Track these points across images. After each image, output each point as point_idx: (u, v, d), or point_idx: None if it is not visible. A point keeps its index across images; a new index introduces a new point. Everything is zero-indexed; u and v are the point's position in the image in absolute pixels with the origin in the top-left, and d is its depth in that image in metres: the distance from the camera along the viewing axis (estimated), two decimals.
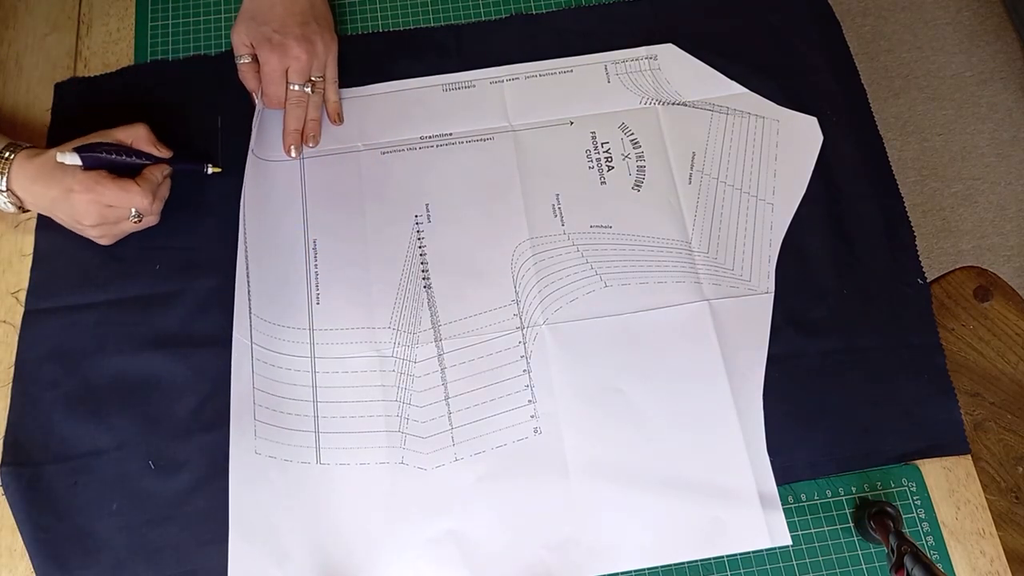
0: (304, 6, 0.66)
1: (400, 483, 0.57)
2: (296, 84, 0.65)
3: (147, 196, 0.59)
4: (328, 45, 0.67)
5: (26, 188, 0.59)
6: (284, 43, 0.64)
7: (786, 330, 0.62)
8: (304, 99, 0.66)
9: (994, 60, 1.57)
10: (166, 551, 0.56)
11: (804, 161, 0.68)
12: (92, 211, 0.58)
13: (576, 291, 0.62)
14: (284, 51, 0.64)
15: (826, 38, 0.73)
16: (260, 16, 0.65)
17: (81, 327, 0.61)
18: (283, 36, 0.64)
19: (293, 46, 0.64)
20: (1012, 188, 1.48)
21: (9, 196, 0.59)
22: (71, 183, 0.57)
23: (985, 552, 0.57)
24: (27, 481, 0.57)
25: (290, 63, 0.65)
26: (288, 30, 0.64)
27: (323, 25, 0.67)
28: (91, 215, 0.58)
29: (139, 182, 0.59)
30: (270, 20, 0.65)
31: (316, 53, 0.65)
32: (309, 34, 0.65)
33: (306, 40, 0.65)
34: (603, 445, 0.58)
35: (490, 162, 0.67)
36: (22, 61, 0.71)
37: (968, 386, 0.76)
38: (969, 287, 0.78)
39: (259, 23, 0.65)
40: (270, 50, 0.64)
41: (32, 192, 0.59)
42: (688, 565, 0.56)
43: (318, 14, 0.67)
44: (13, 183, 0.59)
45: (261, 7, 0.65)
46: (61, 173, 0.58)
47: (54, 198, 0.58)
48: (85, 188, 0.57)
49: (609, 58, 0.71)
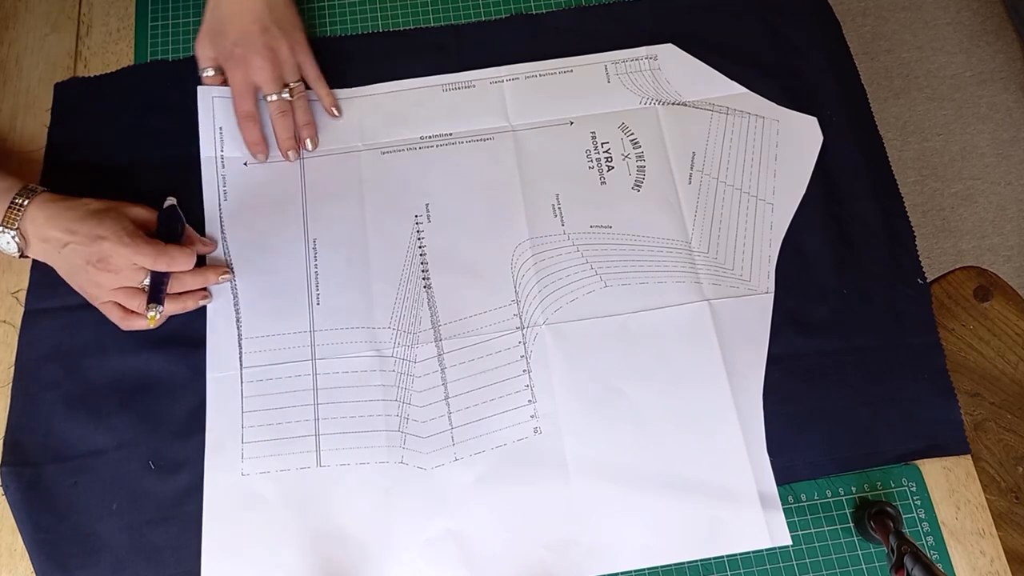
0: (261, 12, 0.64)
1: (400, 483, 0.57)
2: (272, 95, 0.64)
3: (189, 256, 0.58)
4: (296, 47, 0.65)
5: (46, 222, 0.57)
6: (246, 56, 0.63)
7: (786, 330, 0.62)
8: (286, 107, 0.65)
9: (994, 60, 1.57)
10: (166, 551, 0.56)
11: (804, 161, 0.68)
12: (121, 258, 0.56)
13: (576, 291, 0.62)
14: (247, 64, 0.63)
15: (826, 38, 0.73)
16: (220, 30, 0.64)
17: (81, 327, 0.61)
18: (244, 49, 0.63)
19: (255, 58, 0.63)
20: (1012, 188, 1.48)
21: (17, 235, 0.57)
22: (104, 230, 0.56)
23: (985, 552, 0.57)
24: (27, 481, 0.57)
25: (256, 76, 0.63)
26: (249, 41, 0.63)
27: (286, 28, 0.65)
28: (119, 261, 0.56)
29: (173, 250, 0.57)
30: (229, 33, 0.63)
31: (282, 60, 0.64)
32: (270, 41, 0.63)
33: (268, 48, 0.63)
34: (603, 445, 0.58)
35: (490, 162, 0.67)
36: (22, 61, 0.71)
37: (968, 386, 0.76)
38: (969, 287, 0.78)
39: (220, 37, 0.64)
40: (234, 65, 0.63)
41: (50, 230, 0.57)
42: (688, 565, 0.56)
43: (279, 17, 0.65)
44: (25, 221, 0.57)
45: (220, 20, 0.64)
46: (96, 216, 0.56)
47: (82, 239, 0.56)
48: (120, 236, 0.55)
49: (609, 58, 0.71)
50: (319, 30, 0.72)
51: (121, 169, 0.66)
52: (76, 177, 0.66)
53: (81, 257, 0.56)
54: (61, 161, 0.66)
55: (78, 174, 0.66)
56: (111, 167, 0.66)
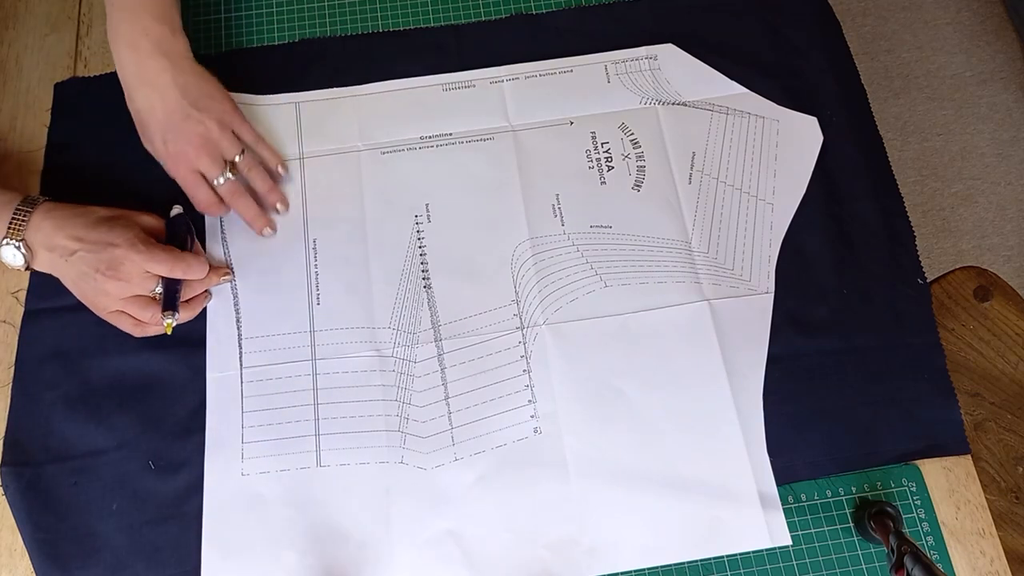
0: (175, 100, 0.59)
1: (400, 483, 0.57)
2: (219, 179, 0.61)
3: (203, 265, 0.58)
4: (224, 118, 0.61)
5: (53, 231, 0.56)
6: (178, 151, 0.60)
7: (786, 330, 0.62)
8: (236, 187, 0.62)
9: (994, 60, 1.57)
10: (166, 551, 0.56)
11: (804, 161, 0.68)
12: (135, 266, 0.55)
13: (576, 291, 0.62)
14: (184, 158, 0.60)
15: (826, 38, 0.73)
16: (144, 128, 0.61)
17: (81, 327, 0.61)
18: (174, 144, 0.60)
19: (187, 149, 0.59)
20: (1012, 188, 1.48)
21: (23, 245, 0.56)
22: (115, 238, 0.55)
23: (985, 552, 0.57)
24: (27, 481, 0.57)
25: (196, 165, 0.60)
26: (175, 135, 0.59)
27: (207, 105, 0.60)
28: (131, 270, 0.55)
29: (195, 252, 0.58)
30: (153, 130, 0.60)
31: (215, 140, 0.60)
32: (195, 127, 0.60)
33: (197, 136, 0.59)
34: (603, 445, 0.58)
35: (490, 162, 0.67)
36: (22, 61, 0.71)
37: (968, 386, 0.76)
38: (969, 287, 0.78)
39: (147, 135, 0.61)
40: (172, 162, 0.60)
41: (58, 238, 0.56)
42: (688, 565, 0.56)
43: (195, 97, 0.60)
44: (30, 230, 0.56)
45: (140, 118, 0.61)
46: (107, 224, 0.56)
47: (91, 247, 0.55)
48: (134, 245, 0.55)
49: (609, 58, 0.71)
50: (319, 30, 0.72)
51: (121, 169, 0.66)
52: (76, 177, 0.66)
53: (90, 265, 0.55)
54: (61, 161, 0.67)
55: (78, 174, 0.66)
56: (111, 167, 0.66)
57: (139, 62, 0.60)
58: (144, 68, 0.60)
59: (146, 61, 0.60)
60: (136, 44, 0.60)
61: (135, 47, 0.60)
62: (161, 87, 0.59)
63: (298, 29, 0.73)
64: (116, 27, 0.60)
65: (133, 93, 0.61)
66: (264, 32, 0.72)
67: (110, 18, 0.61)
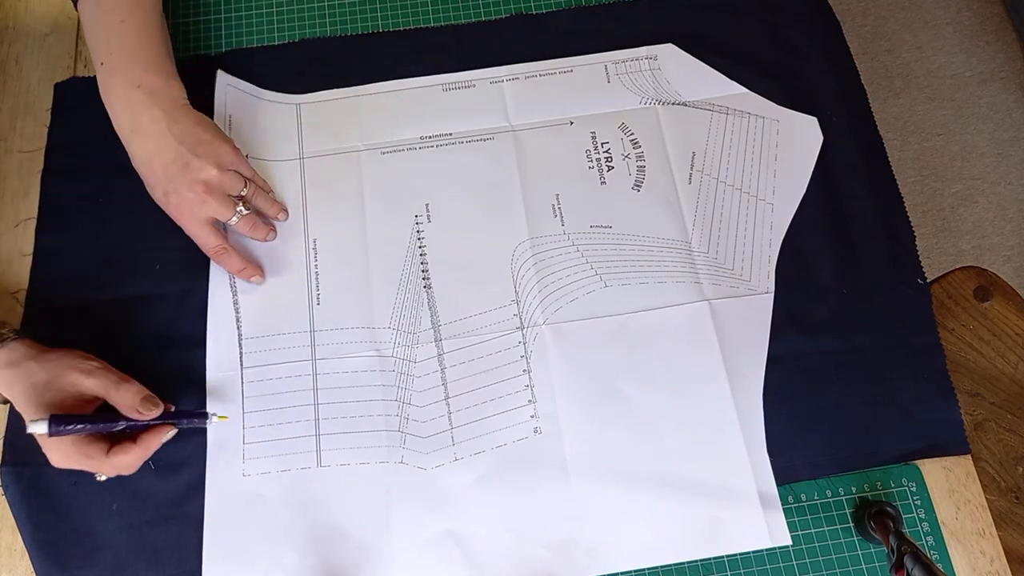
0: (174, 150, 0.58)
1: (400, 483, 0.57)
2: (232, 219, 0.60)
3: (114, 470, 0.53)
4: (222, 160, 0.59)
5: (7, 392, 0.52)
6: (182, 202, 0.58)
7: (786, 330, 0.62)
8: (252, 219, 0.61)
9: (994, 60, 1.57)
10: (166, 551, 0.56)
11: (804, 161, 0.68)
12: (56, 459, 0.52)
13: (576, 291, 0.62)
14: (189, 206, 0.58)
15: (826, 38, 0.73)
16: (147, 182, 0.59)
17: (81, 327, 0.61)
18: (177, 195, 0.58)
19: (192, 198, 0.58)
20: (1012, 188, 1.48)
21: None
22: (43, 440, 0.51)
23: (985, 552, 0.57)
24: (27, 481, 0.57)
25: (205, 212, 0.59)
26: (177, 186, 0.58)
27: (205, 151, 0.59)
28: (54, 460, 0.52)
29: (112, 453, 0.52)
30: (155, 183, 0.59)
31: (218, 184, 0.59)
32: (198, 175, 0.58)
33: (199, 183, 0.58)
34: (603, 445, 0.58)
35: (490, 162, 0.67)
36: (22, 61, 0.71)
37: (968, 386, 0.76)
38: (969, 287, 0.78)
39: (151, 188, 0.59)
40: (177, 212, 0.59)
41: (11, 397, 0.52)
42: (688, 565, 0.56)
43: (193, 143, 0.59)
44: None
45: (143, 172, 0.59)
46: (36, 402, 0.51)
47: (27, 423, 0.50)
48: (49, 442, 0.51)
49: (609, 58, 0.71)
50: (319, 30, 0.72)
51: (121, 169, 0.66)
52: (76, 176, 0.66)
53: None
54: (61, 161, 0.67)
55: (78, 174, 0.66)
56: (111, 167, 0.66)
57: (133, 115, 0.59)
58: (139, 121, 0.58)
59: (140, 113, 0.58)
60: (129, 97, 0.59)
61: (128, 100, 0.59)
62: (156, 137, 0.58)
63: (298, 29, 0.73)
64: (107, 82, 0.60)
65: (131, 147, 0.59)
66: (264, 32, 0.72)
67: (100, 75, 0.60)
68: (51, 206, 0.65)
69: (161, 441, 0.54)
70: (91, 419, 0.51)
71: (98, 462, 0.52)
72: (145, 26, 0.61)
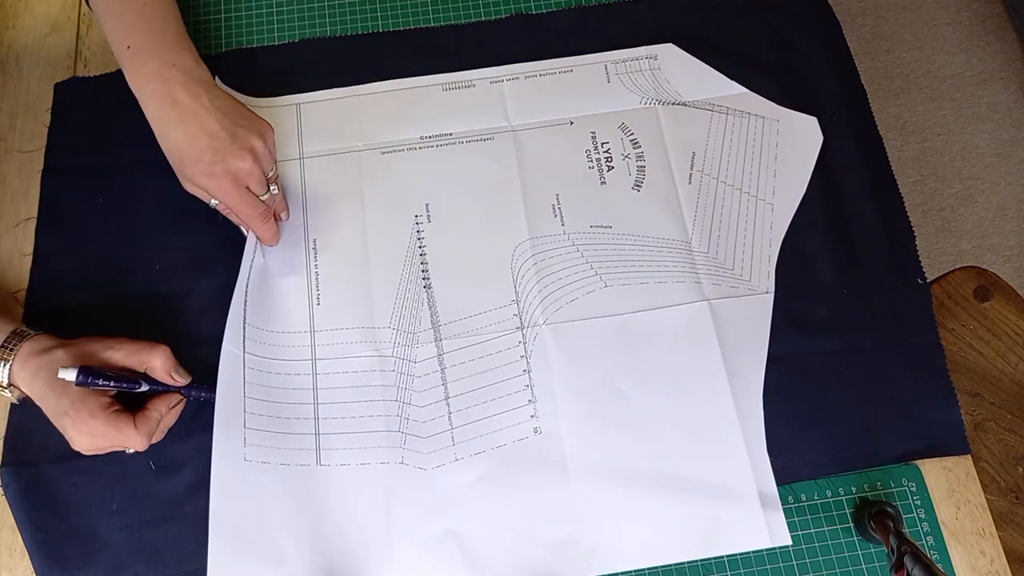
0: (217, 119, 0.58)
1: (400, 483, 0.57)
2: (266, 194, 0.60)
3: (143, 439, 0.54)
4: (264, 132, 0.60)
5: (28, 385, 0.54)
6: (230, 168, 0.58)
7: (786, 330, 0.62)
8: (278, 198, 0.62)
9: (994, 60, 1.57)
10: (166, 551, 0.56)
11: (804, 161, 0.68)
12: (83, 441, 0.53)
13: (576, 291, 0.62)
14: (234, 177, 0.58)
15: (826, 38, 0.73)
16: (186, 158, 0.58)
17: (81, 327, 0.61)
18: (224, 162, 0.57)
19: (241, 166, 0.58)
20: (1012, 188, 1.48)
21: (12, 390, 0.55)
22: (67, 406, 0.53)
23: (985, 552, 0.57)
24: (27, 481, 0.57)
25: (249, 181, 0.59)
26: (225, 153, 0.58)
27: (246, 122, 0.60)
28: (80, 442, 0.53)
29: (138, 422, 0.54)
30: (201, 154, 0.58)
31: (260, 154, 0.59)
32: (243, 142, 0.58)
33: (248, 150, 0.58)
34: (603, 445, 0.58)
35: (490, 162, 0.67)
36: (22, 61, 0.71)
37: (968, 386, 0.76)
38: (969, 287, 0.78)
39: (191, 163, 0.58)
40: (220, 183, 0.58)
41: (32, 391, 0.54)
42: (688, 565, 0.56)
43: (235, 116, 0.59)
44: (16, 378, 0.54)
45: (184, 149, 0.58)
46: (61, 388, 0.53)
47: (48, 410, 0.54)
48: (78, 419, 0.52)
49: (609, 58, 0.71)
50: (319, 30, 0.72)
51: (121, 169, 0.66)
52: (76, 176, 0.66)
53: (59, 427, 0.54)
54: (61, 161, 0.67)
55: (78, 174, 0.66)
56: (111, 167, 0.66)
57: (171, 94, 0.58)
58: (177, 98, 0.58)
59: (178, 90, 0.58)
60: (165, 76, 0.58)
61: (165, 79, 0.58)
62: (200, 112, 0.58)
63: (298, 29, 0.73)
64: (138, 64, 0.59)
65: (169, 126, 0.58)
66: (264, 32, 0.72)
67: (128, 57, 0.60)
68: (51, 206, 0.65)
69: (177, 408, 0.57)
70: (116, 376, 0.54)
71: (126, 435, 0.53)
72: (167, 9, 0.62)
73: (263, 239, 0.62)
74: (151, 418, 0.55)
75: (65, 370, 0.51)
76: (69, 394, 0.53)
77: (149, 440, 0.54)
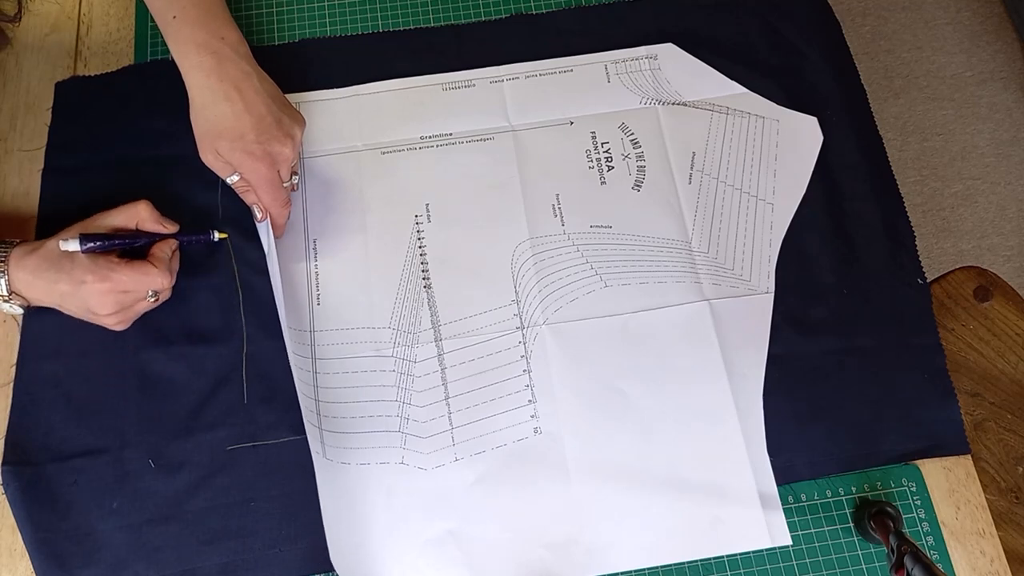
0: (264, 101, 0.59)
1: (400, 483, 0.57)
2: (287, 183, 0.62)
3: (165, 275, 0.56)
4: (301, 123, 0.62)
5: (30, 285, 0.55)
6: (268, 150, 0.58)
7: (786, 330, 0.62)
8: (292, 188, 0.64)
9: (994, 60, 1.57)
10: (166, 551, 0.56)
11: (804, 161, 0.68)
12: (108, 300, 0.54)
13: (576, 291, 0.62)
14: (271, 158, 0.59)
15: (826, 38, 0.73)
16: (228, 132, 0.58)
17: (82, 326, 0.61)
18: (267, 143, 0.58)
19: (281, 150, 0.59)
20: (1012, 188, 1.48)
21: (14, 299, 0.56)
22: (82, 274, 0.54)
23: (985, 552, 0.57)
24: (27, 481, 0.57)
25: (280, 165, 0.60)
26: (269, 134, 0.58)
27: (288, 110, 0.61)
28: (107, 304, 0.54)
29: (153, 262, 0.56)
30: (244, 132, 0.58)
31: (298, 142, 0.61)
32: (287, 128, 0.60)
33: (289, 137, 0.59)
34: (603, 445, 0.58)
35: (490, 162, 0.67)
36: (22, 61, 0.71)
37: (968, 386, 0.76)
38: (969, 287, 0.78)
39: (231, 139, 0.58)
40: (256, 165, 0.58)
41: (36, 288, 0.55)
42: (688, 565, 0.56)
43: (281, 102, 0.61)
44: (15, 283, 0.55)
45: (223, 123, 0.58)
46: (70, 264, 0.54)
47: (63, 292, 0.54)
48: (99, 278, 0.54)
49: (609, 58, 0.71)
50: (319, 30, 0.72)
51: (121, 168, 0.66)
52: (76, 177, 0.66)
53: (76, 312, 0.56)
54: (61, 161, 0.66)
55: (78, 174, 0.66)
56: (111, 166, 0.66)
57: (220, 67, 0.58)
58: (226, 73, 0.58)
59: (229, 67, 0.58)
60: (212, 46, 0.58)
61: (215, 52, 0.58)
62: (247, 92, 0.58)
63: (298, 29, 0.73)
64: (186, 33, 0.59)
65: (215, 97, 0.58)
66: (264, 32, 0.72)
67: (174, 27, 0.59)
68: (51, 206, 0.65)
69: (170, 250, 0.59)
70: (114, 236, 0.57)
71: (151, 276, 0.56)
72: None
73: (276, 224, 0.62)
74: (162, 256, 0.57)
75: (66, 241, 0.54)
76: (79, 265, 0.54)
77: (172, 278, 0.57)
